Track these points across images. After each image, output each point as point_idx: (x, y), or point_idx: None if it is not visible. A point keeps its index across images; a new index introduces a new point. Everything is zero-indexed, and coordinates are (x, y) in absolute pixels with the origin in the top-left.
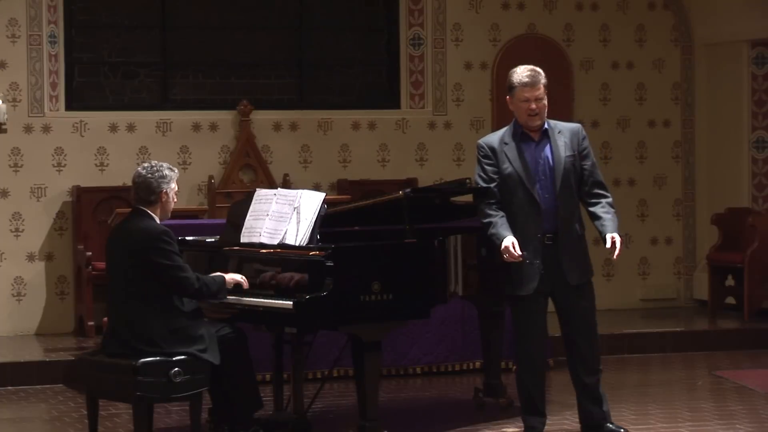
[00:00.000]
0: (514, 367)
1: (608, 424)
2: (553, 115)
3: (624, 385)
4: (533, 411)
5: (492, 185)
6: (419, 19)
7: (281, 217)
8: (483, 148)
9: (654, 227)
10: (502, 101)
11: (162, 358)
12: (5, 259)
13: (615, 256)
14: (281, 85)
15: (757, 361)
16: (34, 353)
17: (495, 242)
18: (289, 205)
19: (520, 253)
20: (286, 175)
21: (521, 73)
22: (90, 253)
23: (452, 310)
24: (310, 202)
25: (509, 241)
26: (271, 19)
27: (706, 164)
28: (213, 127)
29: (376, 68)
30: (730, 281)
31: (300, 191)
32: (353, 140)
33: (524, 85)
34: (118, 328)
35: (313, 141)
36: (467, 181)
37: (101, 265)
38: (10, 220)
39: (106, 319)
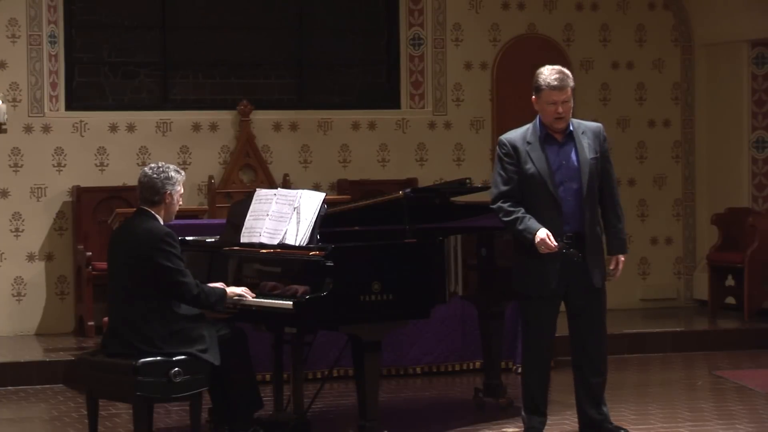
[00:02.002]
0: (515, 367)
1: (608, 425)
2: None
3: (624, 385)
4: (534, 411)
5: (511, 185)
6: (419, 19)
7: (281, 217)
8: (505, 145)
9: (654, 227)
10: (503, 101)
11: (162, 358)
12: (5, 259)
13: (614, 277)
14: (281, 85)
15: (757, 361)
16: (34, 353)
17: (526, 237)
18: (289, 205)
19: (556, 244)
20: (286, 175)
21: (549, 75)
22: (90, 253)
23: (452, 310)
24: (310, 202)
25: (544, 233)
26: (271, 19)
27: (706, 164)
28: (213, 127)
29: (376, 68)
30: (730, 281)
31: (300, 191)
32: (353, 140)
33: (552, 88)
34: (119, 327)
35: (313, 141)
36: (467, 181)
37: (101, 265)
38: (10, 220)
39: (106, 319)
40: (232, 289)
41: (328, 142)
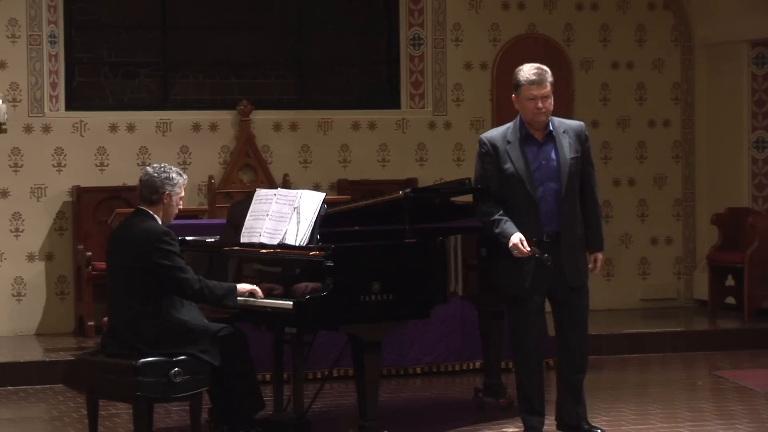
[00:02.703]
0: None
1: (583, 424)
2: (552, 115)
3: (624, 385)
4: (531, 411)
5: (489, 183)
6: (419, 19)
7: (281, 217)
8: (485, 144)
9: (654, 227)
10: (502, 101)
11: (162, 358)
12: (5, 259)
13: (593, 272)
14: (281, 85)
15: (757, 361)
16: (34, 353)
17: (501, 240)
18: (289, 205)
19: (529, 249)
20: (286, 175)
21: (528, 71)
22: (90, 253)
23: (452, 310)
24: (310, 202)
25: (517, 238)
26: (271, 19)
27: (706, 164)
28: (213, 127)
29: (376, 68)
30: (730, 281)
31: (300, 191)
32: (353, 140)
33: (531, 83)
34: (119, 327)
35: (313, 141)
36: (467, 181)
37: (101, 265)
38: (10, 220)
39: (106, 319)
40: (242, 286)
41: (328, 142)
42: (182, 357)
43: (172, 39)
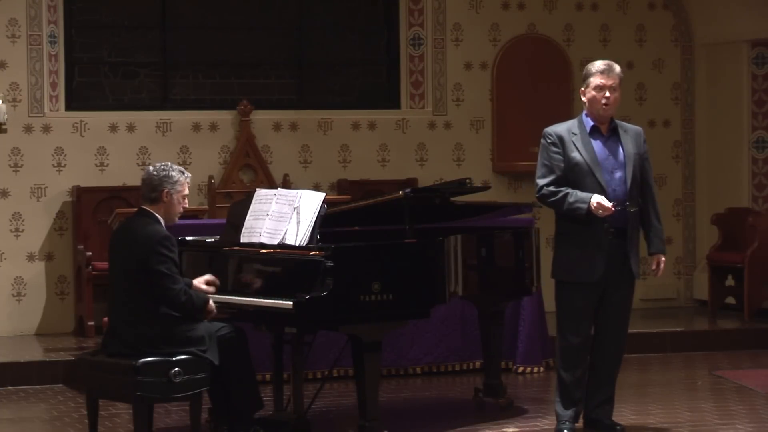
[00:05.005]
0: (514, 367)
1: (607, 420)
2: (552, 115)
3: (624, 385)
4: (570, 404)
5: (556, 174)
6: (419, 19)
7: (281, 217)
8: (551, 135)
9: None
10: (502, 101)
11: (162, 358)
12: (5, 259)
13: (656, 275)
14: (281, 85)
15: (757, 361)
16: (34, 353)
17: (579, 208)
18: (289, 205)
19: (611, 204)
20: (286, 175)
21: (598, 63)
22: (90, 253)
23: (452, 310)
24: (310, 202)
25: (599, 197)
26: (271, 19)
27: (706, 164)
28: (213, 127)
29: (376, 68)
30: (730, 281)
31: (300, 191)
32: (353, 140)
33: (601, 72)
34: (119, 327)
35: (313, 141)
36: (467, 181)
37: (101, 265)
38: (10, 220)
39: (106, 319)
40: (200, 286)
41: (328, 142)
42: (182, 357)
43: (172, 39)
